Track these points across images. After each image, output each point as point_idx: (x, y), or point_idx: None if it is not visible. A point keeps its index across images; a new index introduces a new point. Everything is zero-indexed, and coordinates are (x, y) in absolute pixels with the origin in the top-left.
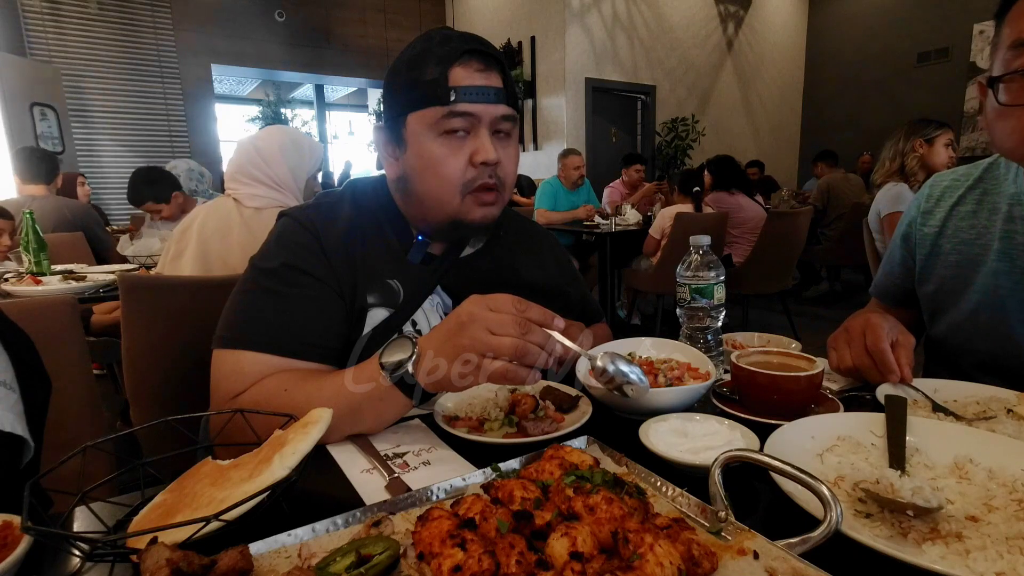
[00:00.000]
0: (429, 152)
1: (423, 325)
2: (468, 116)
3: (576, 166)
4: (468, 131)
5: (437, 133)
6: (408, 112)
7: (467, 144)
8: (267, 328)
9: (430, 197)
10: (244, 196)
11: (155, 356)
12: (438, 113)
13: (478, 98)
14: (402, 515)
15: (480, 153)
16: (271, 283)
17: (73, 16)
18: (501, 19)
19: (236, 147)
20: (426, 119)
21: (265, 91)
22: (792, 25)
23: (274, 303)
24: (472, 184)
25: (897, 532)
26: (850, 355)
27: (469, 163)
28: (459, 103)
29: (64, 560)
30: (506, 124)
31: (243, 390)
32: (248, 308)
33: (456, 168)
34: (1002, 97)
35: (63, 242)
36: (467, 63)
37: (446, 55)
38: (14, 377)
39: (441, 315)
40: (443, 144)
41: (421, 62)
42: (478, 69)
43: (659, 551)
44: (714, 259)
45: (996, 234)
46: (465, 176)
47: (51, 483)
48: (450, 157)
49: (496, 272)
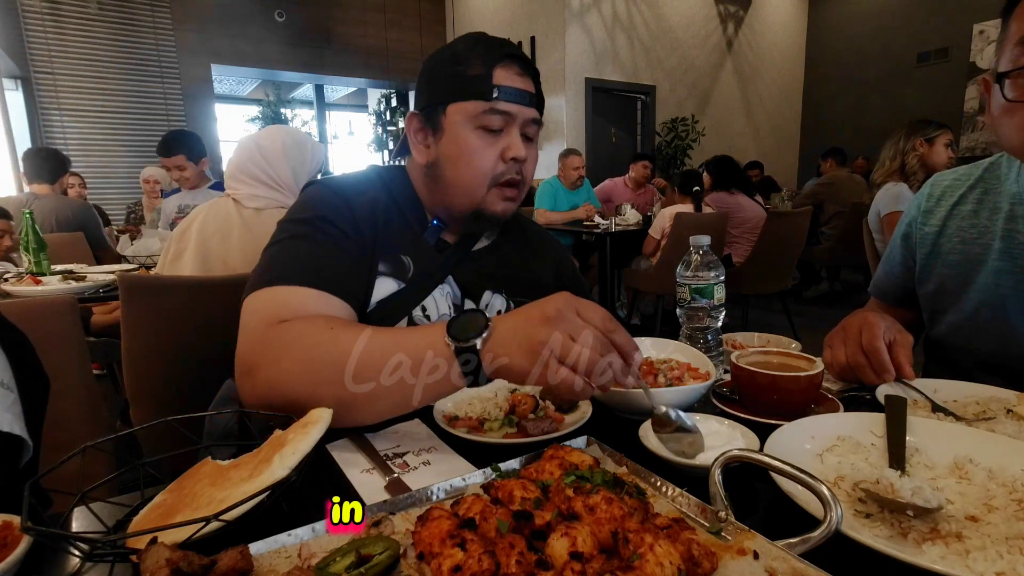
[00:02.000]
0: (465, 142)
1: (432, 311)
2: (505, 114)
3: (576, 166)
4: (502, 128)
5: (475, 126)
6: (450, 102)
7: (500, 140)
8: (302, 266)
9: (459, 184)
10: (244, 197)
11: (155, 356)
12: (480, 107)
13: (516, 99)
14: (402, 515)
15: (511, 149)
16: (302, 230)
17: (73, 16)
18: (501, 19)
19: (237, 146)
20: (467, 111)
21: (265, 91)
22: (792, 25)
23: (308, 246)
24: (500, 178)
25: (897, 532)
26: (845, 353)
27: (500, 157)
28: (500, 101)
29: (64, 560)
30: (533, 128)
31: (286, 319)
32: (280, 253)
33: (489, 160)
34: (1009, 93)
35: (63, 242)
36: (509, 66)
37: (491, 55)
38: (12, 377)
39: (450, 304)
40: (479, 137)
41: (465, 59)
42: (518, 73)
43: (659, 551)
44: (714, 259)
45: (997, 233)
46: (495, 169)
47: (51, 483)
48: (485, 149)
49: (503, 267)
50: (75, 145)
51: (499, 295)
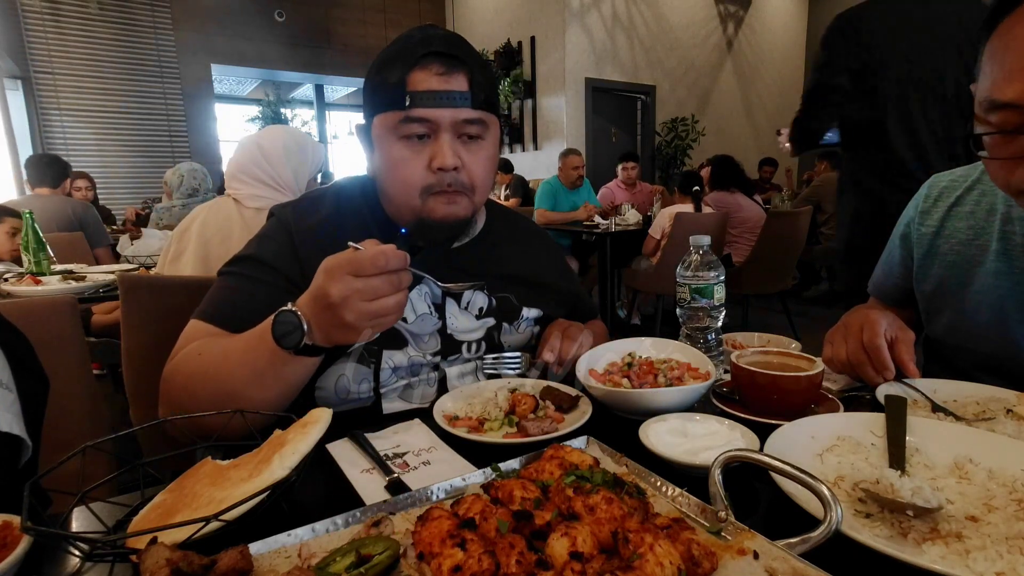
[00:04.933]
0: (390, 154)
1: (407, 312)
2: (425, 121)
3: (575, 166)
4: (429, 135)
5: (397, 136)
6: (375, 114)
7: (427, 148)
8: (215, 303)
9: (394, 196)
10: (245, 197)
11: (155, 356)
12: (396, 117)
13: (436, 102)
14: (402, 515)
15: (436, 158)
16: (233, 268)
17: (73, 16)
18: (501, 19)
19: (238, 146)
20: (387, 122)
21: (265, 91)
22: (792, 25)
23: (228, 283)
24: (432, 188)
25: (897, 532)
26: (845, 350)
27: (428, 167)
28: (414, 108)
29: (64, 560)
30: (473, 127)
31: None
32: (211, 290)
33: (415, 172)
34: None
35: (63, 242)
36: (427, 66)
37: (407, 58)
38: (11, 377)
39: (429, 303)
40: (404, 147)
41: (389, 64)
42: (438, 72)
43: (659, 551)
44: (714, 259)
45: (995, 234)
46: (425, 180)
47: (51, 483)
48: (410, 160)
49: (482, 262)
50: (75, 145)
51: (480, 292)
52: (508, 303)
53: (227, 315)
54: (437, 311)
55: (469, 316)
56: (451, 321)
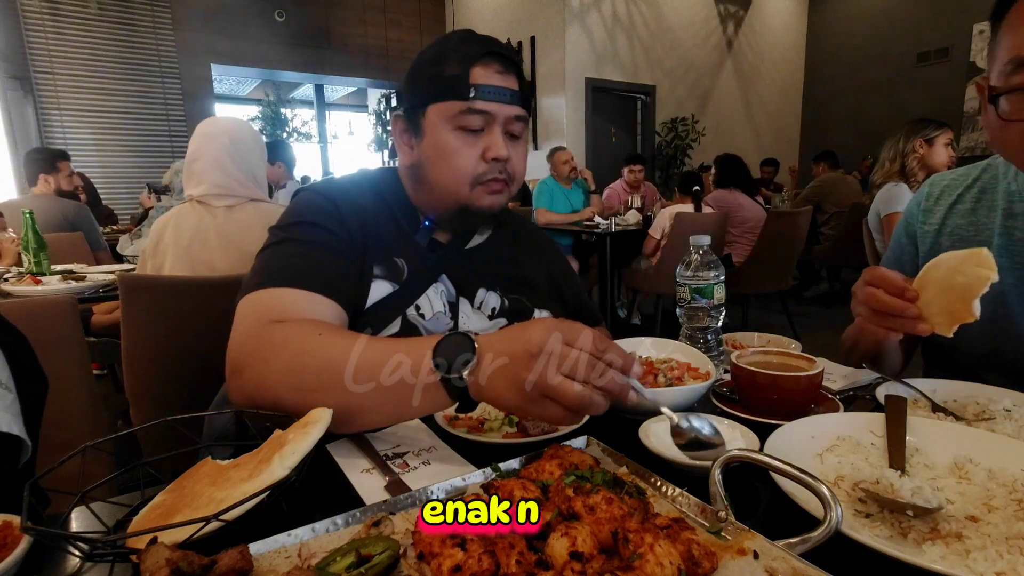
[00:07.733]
0: (445, 143)
1: (426, 309)
2: (484, 114)
3: (565, 160)
4: (483, 128)
5: (454, 126)
6: (429, 103)
7: (481, 140)
8: (292, 268)
9: (441, 185)
10: (212, 197)
11: (155, 356)
12: (457, 107)
13: (495, 97)
14: (402, 515)
15: (492, 149)
16: (288, 234)
17: (73, 16)
18: (501, 19)
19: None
20: (445, 112)
21: (265, 91)
22: (792, 25)
23: (297, 249)
24: (482, 177)
25: (897, 532)
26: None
27: (481, 158)
28: (477, 100)
29: (64, 560)
30: (518, 125)
31: (277, 320)
32: (271, 257)
33: (469, 161)
34: (1004, 110)
35: (63, 242)
36: (488, 63)
37: (468, 54)
38: (10, 376)
39: (444, 302)
40: (458, 137)
41: (444, 58)
42: (497, 71)
43: (659, 551)
44: (714, 259)
45: (996, 230)
46: (476, 169)
47: (51, 483)
48: (464, 150)
49: (497, 264)
50: (75, 145)
51: (493, 292)
52: (520, 304)
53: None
54: (451, 310)
55: (482, 316)
56: (464, 321)
